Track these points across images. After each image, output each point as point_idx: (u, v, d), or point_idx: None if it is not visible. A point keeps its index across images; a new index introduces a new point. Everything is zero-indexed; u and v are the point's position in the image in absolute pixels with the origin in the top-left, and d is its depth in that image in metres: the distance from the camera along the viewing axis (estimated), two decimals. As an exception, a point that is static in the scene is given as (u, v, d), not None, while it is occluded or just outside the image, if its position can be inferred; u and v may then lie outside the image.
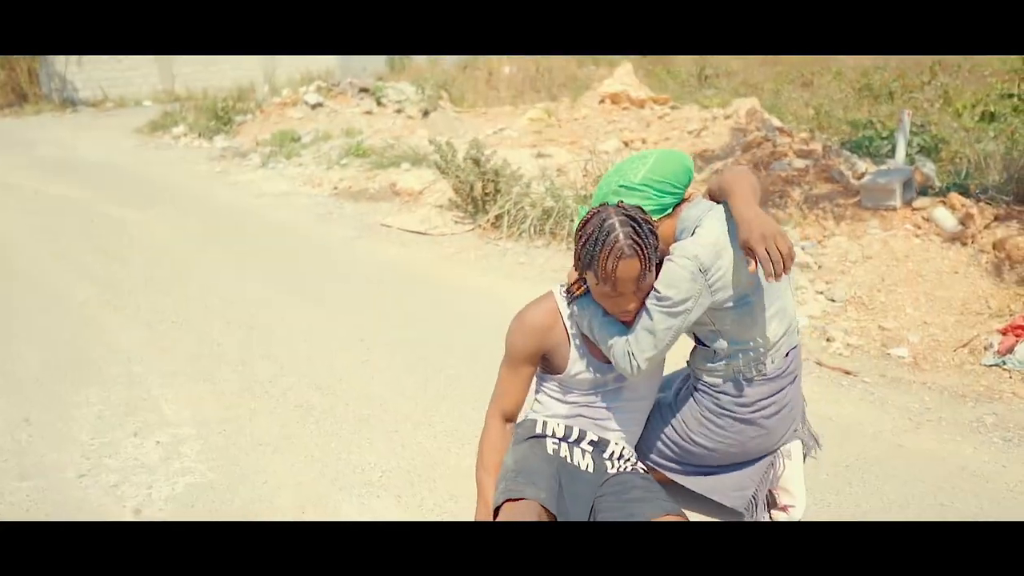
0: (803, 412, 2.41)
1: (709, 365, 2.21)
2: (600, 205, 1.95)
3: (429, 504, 2.54)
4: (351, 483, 2.67)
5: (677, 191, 2.03)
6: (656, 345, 1.98)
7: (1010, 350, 3.59)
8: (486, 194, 6.25)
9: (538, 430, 2.18)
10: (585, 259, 1.91)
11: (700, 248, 1.95)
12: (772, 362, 2.16)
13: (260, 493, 2.61)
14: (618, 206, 1.93)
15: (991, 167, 5.89)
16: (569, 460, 2.14)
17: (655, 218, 2.02)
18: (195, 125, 12.52)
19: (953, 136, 8.12)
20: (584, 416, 2.19)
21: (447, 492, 2.61)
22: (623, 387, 2.18)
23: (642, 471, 2.25)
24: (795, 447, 2.38)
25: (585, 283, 2.03)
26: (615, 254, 1.84)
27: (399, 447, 2.91)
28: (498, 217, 6.13)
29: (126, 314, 4.37)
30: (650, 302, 1.97)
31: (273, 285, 4.91)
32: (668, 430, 2.32)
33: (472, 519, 2.22)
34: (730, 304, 2.03)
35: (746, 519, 2.35)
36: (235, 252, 5.73)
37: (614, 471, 2.17)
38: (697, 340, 2.24)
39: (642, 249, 1.86)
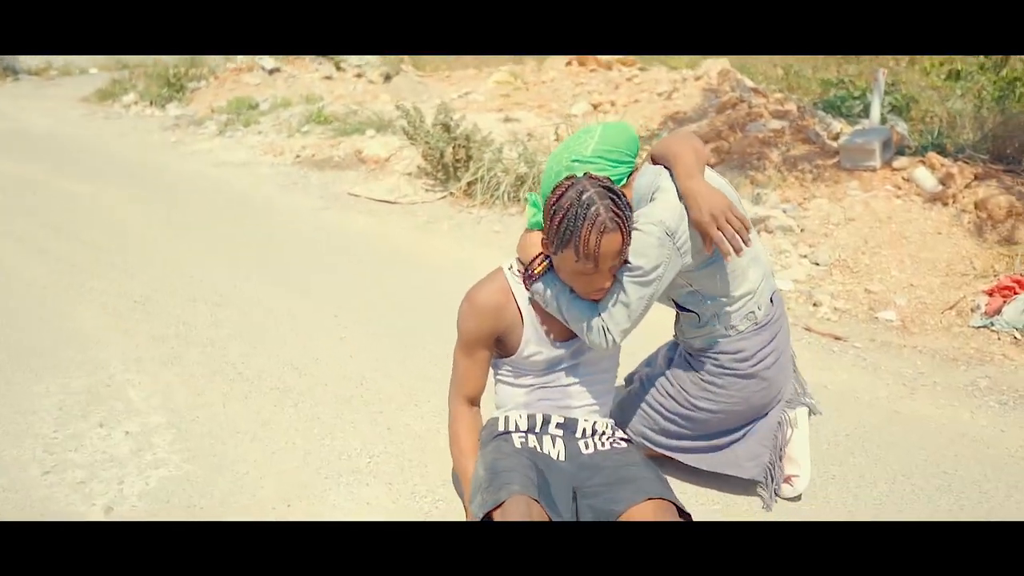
0: (793, 360, 2.37)
1: (699, 330, 2.17)
2: (568, 178, 1.85)
3: (422, 490, 2.42)
4: (338, 470, 2.53)
5: (629, 160, 1.98)
6: (631, 317, 1.94)
7: (997, 311, 3.56)
8: (457, 161, 6.07)
9: (500, 428, 2.08)
10: (563, 236, 1.79)
11: (664, 212, 1.92)
12: (760, 309, 2.14)
13: (241, 485, 2.46)
14: (590, 177, 1.83)
15: (965, 126, 5.87)
16: (539, 450, 2.04)
17: None
18: (146, 93, 12.06)
19: (922, 95, 8.10)
20: (544, 399, 2.09)
21: (439, 477, 2.49)
22: (580, 363, 2.10)
23: (622, 440, 2.16)
24: (800, 414, 2.34)
25: (547, 259, 1.94)
26: (598, 228, 1.75)
27: (385, 430, 2.78)
28: (470, 184, 5.96)
29: (84, 295, 4.14)
30: (621, 274, 1.91)
31: (239, 260, 4.70)
32: (669, 403, 2.27)
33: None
34: (703, 263, 2.01)
35: (763, 490, 2.32)
36: (197, 226, 5.49)
37: (589, 451, 2.07)
38: (679, 307, 2.19)
39: (623, 222, 1.79)
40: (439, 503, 2.37)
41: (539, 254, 1.96)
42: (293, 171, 7.32)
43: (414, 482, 2.47)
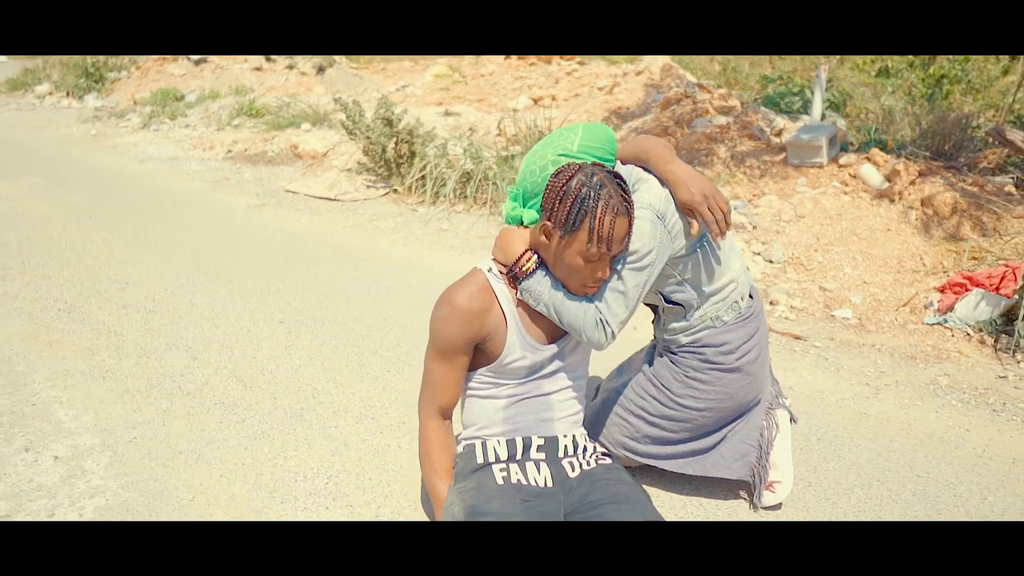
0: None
1: (683, 323, 2.15)
2: (568, 164, 1.82)
3: (387, 513, 2.26)
4: (293, 493, 2.35)
5: (610, 159, 1.95)
6: (628, 305, 1.91)
7: (950, 308, 3.60)
8: (400, 156, 5.88)
9: (479, 459, 1.95)
10: (575, 218, 1.74)
11: (651, 197, 1.93)
12: (743, 300, 2.15)
13: (187, 513, 2.26)
14: (594, 164, 1.80)
15: (903, 122, 5.98)
16: (524, 481, 1.92)
17: None
18: (62, 83, 11.47)
19: (855, 91, 8.27)
20: (525, 412, 1.98)
21: (404, 497, 2.33)
22: (560, 368, 2.01)
23: (604, 456, 2.07)
24: (782, 417, 2.31)
25: (535, 255, 1.88)
26: (611, 211, 1.73)
27: (342, 447, 2.61)
28: (414, 180, 5.79)
29: (2, 303, 3.82)
30: (615, 263, 1.90)
31: (172, 263, 4.43)
32: (652, 405, 2.21)
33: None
34: (688, 250, 2.02)
35: (748, 493, 2.30)
36: (125, 226, 5.17)
37: (576, 473, 1.98)
38: (666, 301, 2.15)
39: (631, 207, 1.78)
40: (406, 526, 2.22)
41: (525, 251, 1.89)
42: (225, 166, 7.00)
43: (377, 504, 2.31)
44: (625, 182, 1.80)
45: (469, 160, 5.60)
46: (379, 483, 2.41)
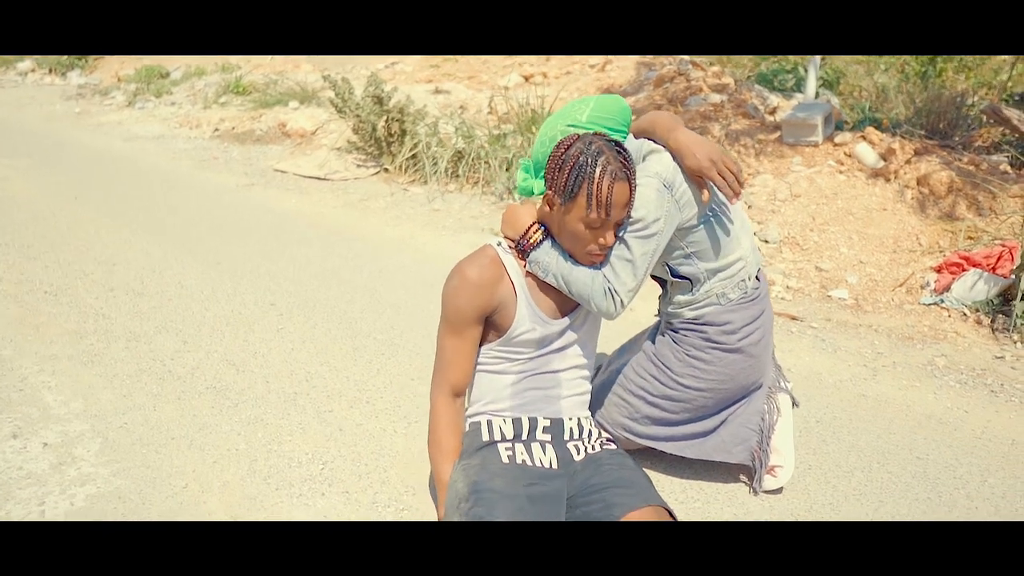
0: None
1: (688, 297, 2.13)
2: (570, 134, 1.82)
3: (384, 499, 2.23)
4: (289, 479, 2.32)
5: (622, 130, 1.95)
6: (636, 274, 1.90)
7: (946, 288, 3.58)
8: (390, 135, 5.80)
9: (485, 437, 1.93)
10: (573, 185, 1.74)
11: (659, 166, 1.94)
12: (749, 280, 2.13)
13: (181, 500, 2.22)
14: (595, 133, 1.81)
15: (897, 100, 5.94)
16: (529, 462, 1.90)
17: None
18: (44, 60, 11.25)
19: (848, 68, 8.20)
20: (531, 388, 1.96)
21: (402, 483, 2.30)
22: (569, 344, 1.99)
23: (608, 442, 2.05)
24: (783, 401, 2.29)
25: (542, 227, 1.88)
26: (609, 176, 1.72)
27: (337, 431, 2.57)
28: (405, 159, 5.71)
29: (-14, 285, 3.75)
30: (621, 231, 1.89)
31: (160, 244, 4.36)
32: (653, 385, 2.19)
33: (435, 513, 1.99)
34: (697, 222, 2.00)
35: (748, 478, 2.29)
36: (111, 207, 5.08)
37: (581, 457, 1.96)
38: (673, 274, 2.13)
39: (631, 173, 1.77)
40: (403, 512, 2.19)
41: (533, 223, 1.89)
42: (212, 145, 6.90)
43: (374, 490, 2.28)
44: (625, 150, 1.79)
45: (461, 139, 5.53)
46: (375, 468, 2.38)
